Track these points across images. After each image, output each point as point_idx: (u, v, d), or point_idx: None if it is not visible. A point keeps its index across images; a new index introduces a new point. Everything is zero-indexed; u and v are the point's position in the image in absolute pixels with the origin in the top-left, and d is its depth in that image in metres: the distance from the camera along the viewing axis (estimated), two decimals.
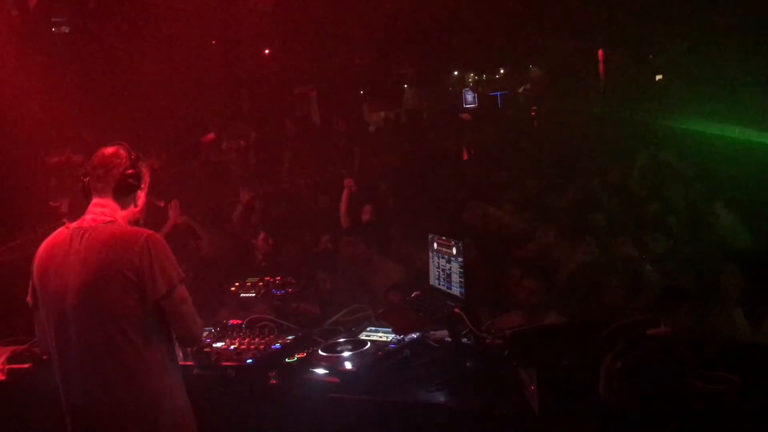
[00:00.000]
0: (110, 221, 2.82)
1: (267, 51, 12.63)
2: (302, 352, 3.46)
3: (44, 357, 3.01)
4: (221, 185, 9.02)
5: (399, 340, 3.42)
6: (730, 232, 5.73)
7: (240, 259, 6.47)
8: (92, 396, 2.75)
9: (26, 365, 3.63)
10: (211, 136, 9.98)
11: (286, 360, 3.41)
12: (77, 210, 2.96)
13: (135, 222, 2.95)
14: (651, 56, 14.00)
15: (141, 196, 2.97)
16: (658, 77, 13.88)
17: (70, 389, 2.80)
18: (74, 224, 2.85)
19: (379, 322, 3.76)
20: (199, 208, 7.60)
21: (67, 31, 8.28)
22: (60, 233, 2.86)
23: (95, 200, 2.88)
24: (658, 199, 6.78)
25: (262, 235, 6.53)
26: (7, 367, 3.61)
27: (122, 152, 2.90)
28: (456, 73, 19.99)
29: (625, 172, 8.04)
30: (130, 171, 2.88)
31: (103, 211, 2.85)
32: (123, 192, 2.89)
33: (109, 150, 2.90)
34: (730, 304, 4.35)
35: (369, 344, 3.38)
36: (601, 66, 14.78)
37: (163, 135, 8.65)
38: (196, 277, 5.19)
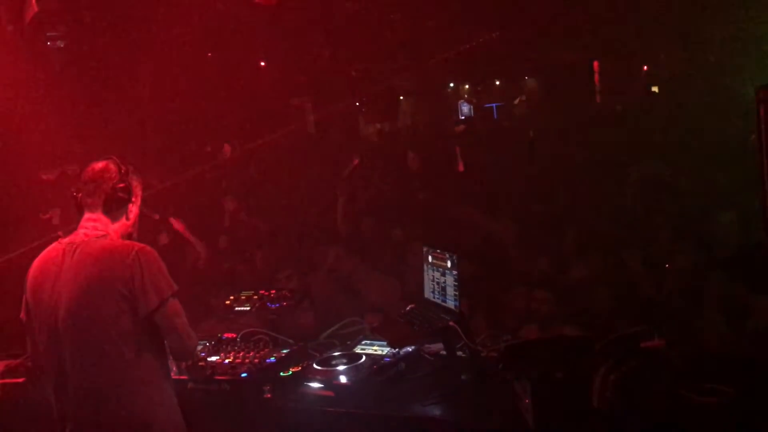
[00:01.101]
0: (102, 236, 2.82)
1: (263, 63, 12.67)
2: (297, 365, 3.46)
3: (38, 372, 3.00)
4: (217, 197, 9.00)
5: (394, 354, 3.42)
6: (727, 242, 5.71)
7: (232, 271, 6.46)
8: (85, 410, 2.73)
9: (20, 380, 3.62)
10: (224, 147, 10.01)
11: (281, 374, 3.40)
12: (69, 221, 2.95)
13: (128, 235, 2.94)
14: (646, 68, 14.06)
15: (133, 209, 2.95)
16: (654, 88, 13.93)
17: (64, 403, 2.79)
18: (66, 239, 2.84)
19: (374, 335, 3.77)
20: (194, 220, 7.61)
21: (62, 46, 8.29)
22: (53, 249, 2.85)
23: (87, 215, 2.87)
24: (655, 210, 6.76)
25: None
26: (0, 381, 3.60)
27: (112, 166, 2.89)
28: (452, 84, 20.03)
29: (621, 184, 8.02)
30: (120, 185, 2.87)
31: (95, 226, 2.84)
32: (113, 206, 2.87)
33: (99, 165, 2.89)
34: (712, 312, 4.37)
35: (364, 358, 3.39)
36: (596, 77, 14.83)
37: (158, 148, 8.66)
38: (189, 290, 5.20)
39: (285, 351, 3.58)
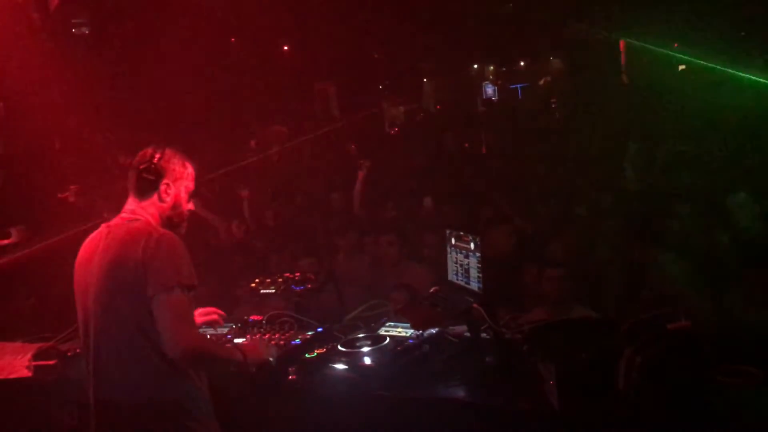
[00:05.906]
0: (134, 219, 2.84)
1: (286, 47, 12.67)
2: (322, 347, 3.48)
3: (77, 350, 3.01)
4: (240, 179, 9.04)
5: (418, 336, 3.42)
6: (751, 223, 5.63)
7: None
8: (117, 393, 2.75)
9: (52, 362, 3.67)
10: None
11: (306, 355, 3.43)
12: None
13: (167, 219, 2.92)
14: (676, 45, 13.79)
15: (169, 191, 2.91)
16: (681, 67, 13.67)
17: (98, 385, 2.81)
18: (110, 222, 2.90)
19: (398, 317, 3.78)
20: (218, 200, 7.70)
21: (87, 32, 8.35)
22: (98, 231, 2.90)
23: (128, 200, 2.94)
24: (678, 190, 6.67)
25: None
26: (33, 363, 3.67)
27: (148, 151, 2.92)
28: (476, 66, 19.85)
29: (647, 164, 7.92)
30: (142, 166, 2.88)
31: (132, 209, 2.89)
32: (142, 188, 2.89)
33: (141, 151, 2.94)
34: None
35: (388, 340, 3.39)
36: (623, 57, 14.59)
37: (181, 132, 8.71)
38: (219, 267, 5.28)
39: (310, 333, 3.61)
